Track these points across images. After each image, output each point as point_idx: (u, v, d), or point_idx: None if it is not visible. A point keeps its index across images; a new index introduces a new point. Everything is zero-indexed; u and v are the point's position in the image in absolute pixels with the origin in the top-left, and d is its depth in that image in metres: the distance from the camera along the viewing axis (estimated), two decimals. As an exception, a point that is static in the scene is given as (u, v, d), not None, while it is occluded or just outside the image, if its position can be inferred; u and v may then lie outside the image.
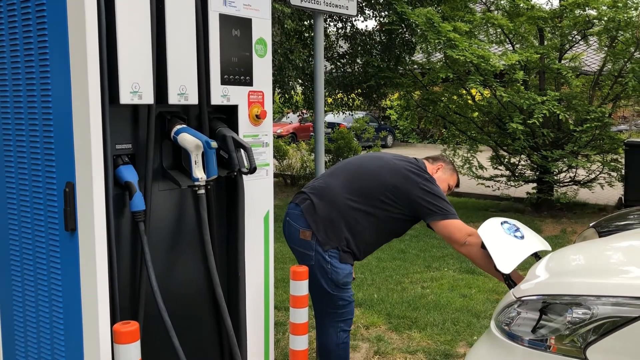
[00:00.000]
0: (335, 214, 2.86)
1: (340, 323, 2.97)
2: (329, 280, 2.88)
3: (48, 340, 2.32)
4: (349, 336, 3.03)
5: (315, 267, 2.87)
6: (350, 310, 2.98)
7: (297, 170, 11.77)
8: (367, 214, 2.88)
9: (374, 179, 2.91)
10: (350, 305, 2.98)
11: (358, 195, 2.88)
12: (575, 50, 9.25)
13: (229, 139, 2.41)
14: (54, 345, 2.30)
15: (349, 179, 2.93)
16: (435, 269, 5.74)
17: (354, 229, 2.88)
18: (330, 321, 2.97)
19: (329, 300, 2.93)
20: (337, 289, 2.90)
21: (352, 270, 2.97)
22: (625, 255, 2.43)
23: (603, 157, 8.78)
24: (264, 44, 2.57)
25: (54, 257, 2.24)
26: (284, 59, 8.26)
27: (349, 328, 3.01)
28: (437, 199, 2.88)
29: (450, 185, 3.17)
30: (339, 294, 2.91)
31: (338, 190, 2.89)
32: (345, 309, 2.96)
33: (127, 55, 2.10)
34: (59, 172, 2.16)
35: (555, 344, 1.95)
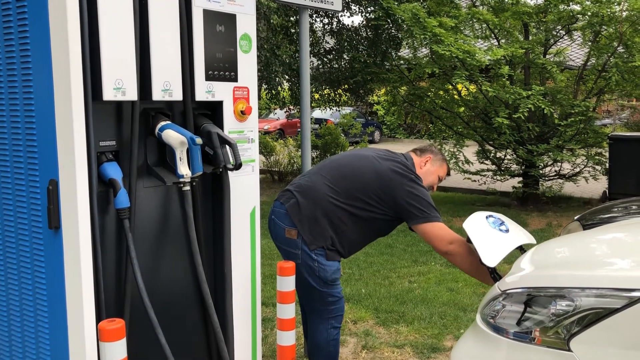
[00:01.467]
0: (319, 213, 2.86)
1: (330, 320, 2.97)
2: (317, 278, 2.89)
3: (33, 339, 2.30)
4: (339, 333, 3.03)
5: (302, 265, 2.88)
6: (340, 306, 2.99)
7: (285, 167, 11.76)
8: (351, 214, 2.89)
9: (358, 180, 2.90)
10: (340, 302, 2.98)
11: (343, 196, 2.88)
12: (559, 45, 9.32)
13: (214, 135, 2.40)
14: (39, 344, 2.28)
15: (334, 178, 2.92)
16: (423, 263, 5.76)
17: (339, 228, 2.89)
18: (320, 318, 2.98)
19: (319, 298, 2.94)
20: (325, 286, 2.91)
21: (340, 267, 2.97)
22: (609, 248, 2.45)
23: (587, 151, 8.86)
24: (249, 40, 2.56)
25: (37, 255, 2.22)
26: (271, 54, 8.23)
27: (339, 325, 3.02)
28: (421, 200, 2.86)
29: (441, 176, 3.16)
30: (328, 290, 2.91)
31: (323, 189, 2.89)
32: (334, 305, 2.96)
33: (110, 51, 2.08)
34: (42, 169, 2.14)
35: (540, 336, 1.97)
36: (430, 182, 3.09)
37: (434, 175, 3.11)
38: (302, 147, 3.62)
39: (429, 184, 3.09)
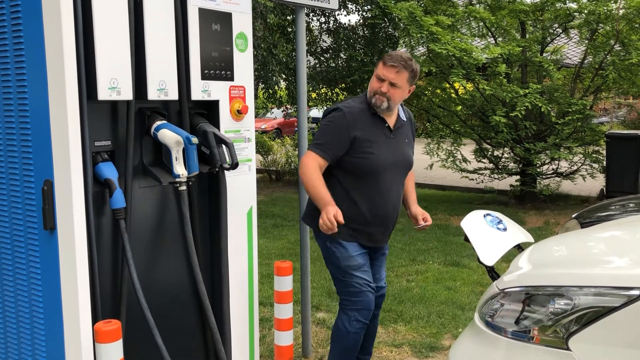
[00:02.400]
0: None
1: (354, 312, 2.81)
2: (333, 266, 2.84)
3: (29, 340, 2.29)
4: (364, 328, 2.86)
5: (324, 254, 2.87)
6: (364, 300, 2.80)
7: (282, 166, 11.74)
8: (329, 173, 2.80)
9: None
10: (363, 295, 2.79)
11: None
12: (556, 43, 9.33)
13: (210, 135, 2.39)
14: (34, 345, 2.26)
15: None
16: (420, 262, 5.76)
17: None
18: (344, 307, 2.86)
19: (339, 286, 2.86)
20: (342, 274, 2.81)
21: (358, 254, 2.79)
22: (607, 246, 2.45)
23: (585, 149, 8.87)
24: (245, 39, 2.55)
25: (33, 256, 2.20)
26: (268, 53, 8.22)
27: (365, 320, 2.83)
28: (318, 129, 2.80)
29: (377, 74, 2.78)
30: (346, 279, 2.80)
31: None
32: (355, 297, 2.79)
33: (104, 50, 2.06)
34: (37, 170, 2.13)
35: (539, 334, 1.96)
36: (370, 89, 2.79)
37: (372, 79, 2.79)
38: (299, 146, 3.61)
39: (370, 92, 2.78)
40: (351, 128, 2.74)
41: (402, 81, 2.77)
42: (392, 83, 2.76)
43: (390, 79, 2.75)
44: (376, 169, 2.78)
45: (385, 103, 2.77)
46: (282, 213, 8.25)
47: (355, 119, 2.76)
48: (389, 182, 2.82)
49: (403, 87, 2.79)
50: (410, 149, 2.98)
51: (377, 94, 2.77)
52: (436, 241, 6.60)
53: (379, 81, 2.76)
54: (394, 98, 2.78)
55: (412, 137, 3.02)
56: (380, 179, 2.79)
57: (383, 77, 2.76)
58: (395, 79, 2.75)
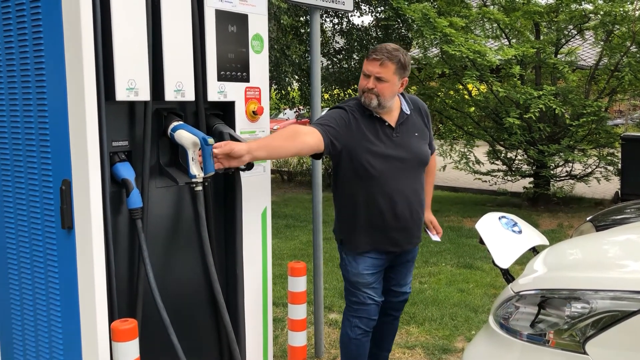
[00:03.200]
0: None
1: (354, 319, 2.83)
2: (344, 276, 2.88)
3: (46, 338, 2.31)
4: (366, 335, 2.85)
5: (340, 262, 2.90)
6: (365, 309, 2.81)
7: (294, 167, 11.76)
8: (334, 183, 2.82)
9: None
10: (365, 306, 2.80)
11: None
12: (571, 44, 9.25)
13: (226, 136, 2.40)
14: (52, 343, 2.29)
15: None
16: (433, 264, 5.74)
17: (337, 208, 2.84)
18: (347, 312, 2.89)
19: (346, 291, 2.88)
20: (350, 285, 2.84)
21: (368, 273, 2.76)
22: (622, 249, 2.43)
23: (599, 151, 8.79)
24: (261, 40, 2.56)
25: (50, 255, 2.23)
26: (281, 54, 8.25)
27: (366, 327, 2.83)
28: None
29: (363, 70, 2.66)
30: (352, 289, 2.83)
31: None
32: (358, 306, 2.81)
33: (122, 51, 2.08)
34: (55, 169, 2.15)
35: (554, 338, 1.95)
36: (359, 86, 2.68)
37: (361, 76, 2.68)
38: (313, 148, 3.62)
39: (360, 88, 2.66)
40: (352, 124, 2.63)
41: (388, 74, 2.59)
42: (377, 77, 2.58)
43: (375, 73, 2.58)
44: (380, 173, 2.65)
45: (374, 100, 2.60)
46: (294, 214, 8.26)
47: (356, 119, 2.65)
48: (400, 183, 2.69)
49: (391, 80, 2.60)
50: (422, 141, 2.78)
51: (365, 91, 2.61)
52: (449, 243, 6.58)
53: (365, 78, 2.61)
54: (383, 94, 2.59)
55: (424, 128, 2.83)
56: (388, 182, 2.66)
57: (368, 72, 2.60)
58: (381, 72, 2.58)
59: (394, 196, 2.69)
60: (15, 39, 2.21)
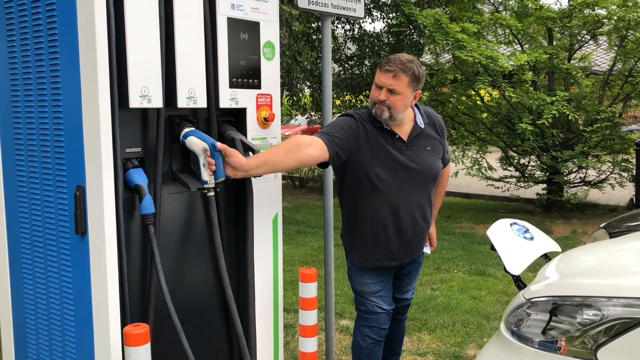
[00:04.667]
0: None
1: (364, 328, 2.83)
2: (350, 284, 2.90)
3: (59, 342, 2.34)
4: (377, 344, 2.84)
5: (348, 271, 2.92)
6: (374, 318, 2.80)
7: (306, 173, 11.78)
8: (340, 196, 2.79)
9: None
10: (375, 315, 2.80)
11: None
12: (584, 50, 9.20)
13: (238, 142, 2.42)
14: (65, 347, 2.31)
15: None
16: (445, 271, 5.72)
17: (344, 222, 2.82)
18: (358, 321, 2.90)
19: (356, 300, 2.89)
20: (357, 294, 2.86)
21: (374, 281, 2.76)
22: (636, 256, 2.41)
23: (614, 158, 8.72)
24: (272, 47, 2.58)
25: (64, 260, 2.26)
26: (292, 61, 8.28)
27: (377, 337, 2.82)
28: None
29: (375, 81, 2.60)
30: (360, 298, 2.85)
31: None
32: (367, 315, 2.81)
33: (136, 59, 2.11)
34: (69, 175, 2.18)
35: (566, 345, 1.94)
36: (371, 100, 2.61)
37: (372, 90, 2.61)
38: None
39: (371, 99, 2.59)
40: (360, 134, 2.56)
41: (401, 86, 2.51)
42: (390, 89, 2.51)
43: (388, 85, 2.51)
44: (386, 186, 2.60)
45: (386, 113, 2.54)
46: (305, 220, 8.27)
47: (365, 129, 2.58)
48: (406, 197, 2.64)
49: (404, 93, 2.52)
50: (434, 156, 2.73)
51: (376, 103, 2.55)
52: (461, 250, 6.55)
53: (377, 89, 2.54)
54: (395, 106, 2.52)
55: (437, 143, 2.76)
56: (393, 196, 2.62)
57: (380, 83, 2.53)
58: (393, 84, 2.50)
59: (399, 211, 2.65)
60: (32, 47, 2.25)
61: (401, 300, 3.00)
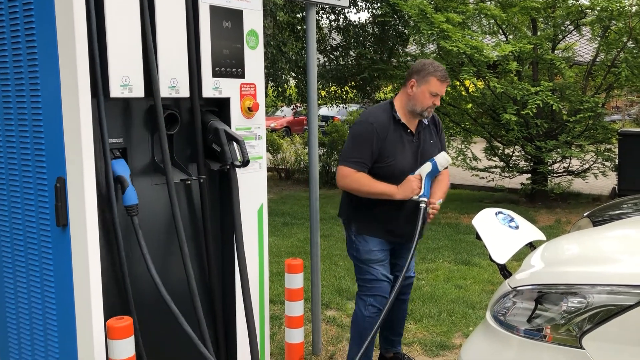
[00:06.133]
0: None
1: (368, 297, 3.02)
2: (354, 257, 3.09)
3: (42, 337, 2.30)
4: (379, 314, 2.97)
5: (347, 245, 3.14)
6: (378, 287, 3.01)
7: (292, 164, 11.75)
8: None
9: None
10: (379, 283, 3.00)
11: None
12: (568, 40, 9.25)
13: (222, 132, 2.39)
14: (47, 341, 2.28)
15: None
16: (430, 261, 5.74)
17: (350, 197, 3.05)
18: (360, 293, 3.08)
19: (358, 272, 3.09)
20: (361, 263, 3.05)
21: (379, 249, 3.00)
22: (619, 244, 2.43)
23: (597, 147, 8.80)
24: (256, 36, 2.55)
25: (45, 252, 2.22)
26: (277, 51, 8.22)
27: (380, 306, 3.00)
28: (347, 142, 2.97)
29: (432, 91, 2.88)
30: (364, 267, 3.03)
31: None
32: (371, 284, 3.01)
33: (116, 48, 2.07)
34: (49, 167, 2.14)
35: (551, 333, 1.95)
36: (422, 104, 2.90)
37: (423, 95, 2.88)
38: (310, 144, 3.61)
39: (422, 105, 2.90)
40: (380, 140, 2.90)
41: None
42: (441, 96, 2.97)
43: (443, 93, 2.95)
44: (398, 172, 2.94)
45: (431, 114, 3.01)
46: (291, 211, 8.25)
47: (383, 131, 2.91)
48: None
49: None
50: (435, 147, 3.09)
51: (430, 108, 2.93)
52: (446, 239, 6.58)
53: (432, 96, 2.90)
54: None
55: (437, 137, 3.16)
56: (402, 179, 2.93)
57: (439, 92, 2.91)
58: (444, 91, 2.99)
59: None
60: (8, 35, 2.20)
61: (407, 278, 3.22)
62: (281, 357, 3.54)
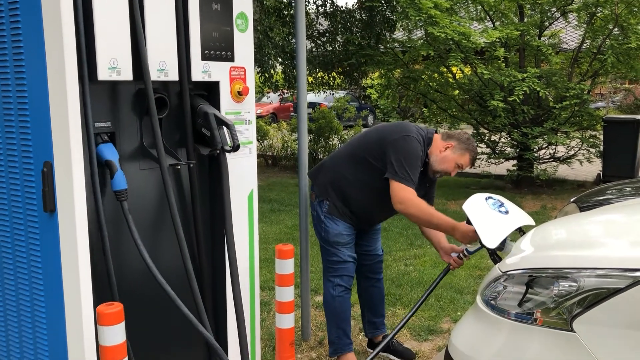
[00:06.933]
0: (325, 170, 3.18)
1: (335, 278, 3.13)
2: (321, 237, 3.17)
3: (29, 324, 2.27)
4: (347, 292, 3.16)
5: (315, 222, 3.20)
6: (345, 267, 3.12)
7: (278, 151, 11.71)
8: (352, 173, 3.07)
9: (364, 141, 3.12)
10: (346, 264, 3.12)
11: (349, 156, 3.12)
12: (554, 27, 9.28)
13: (211, 117, 2.36)
14: (35, 329, 2.25)
15: (347, 146, 3.21)
16: (418, 247, 5.77)
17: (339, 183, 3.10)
18: (327, 274, 3.19)
19: (325, 254, 3.20)
20: (329, 245, 3.14)
21: (346, 233, 3.11)
22: (606, 229, 2.45)
23: (582, 134, 8.87)
24: (245, 19, 2.51)
25: (33, 238, 2.18)
26: (264, 36, 8.15)
27: (347, 284, 3.14)
28: (397, 154, 2.92)
29: (460, 164, 3.10)
30: (331, 249, 3.13)
31: (336, 156, 3.19)
32: (338, 265, 3.12)
33: (104, 30, 2.02)
34: (36, 151, 2.09)
35: (542, 316, 1.96)
36: (445, 168, 3.08)
37: (450, 162, 3.07)
38: (299, 131, 3.59)
39: (444, 169, 3.08)
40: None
41: None
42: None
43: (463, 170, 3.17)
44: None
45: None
46: (279, 198, 8.23)
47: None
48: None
49: None
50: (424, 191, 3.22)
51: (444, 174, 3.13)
52: (433, 225, 6.60)
53: (456, 168, 3.10)
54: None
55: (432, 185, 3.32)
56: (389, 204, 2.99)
57: (462, 169, 3.14)
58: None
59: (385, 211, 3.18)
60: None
61: (373, 257, 3.39)
62: (271, 343, 3.54)
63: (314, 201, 3.20)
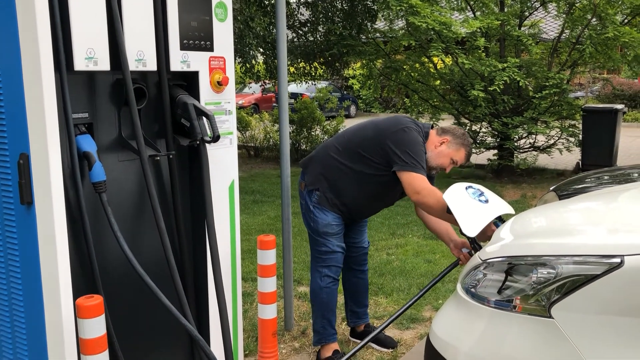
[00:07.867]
0: (317, 160, 3.14)
1: (323, 268, 3.12)
2: (310, 227, 3.15)
3: (7, 318, 2.24)
4: (335, 283, 3.15)
5: (304, 211, 3.17)
6: (334, 258, 3.11)
7: (261, 142, 11.66)
8: (346, 166, 3.04)
9: (359, 135, 3.08)
10: (334, 254, 3.10)
11: (343, 152, 3.07)
12: (534, 17, 9.34)
13: (191, 107, 2.33)
14: (14, 323, 2.22)
15: (340, 138, 3.16)
16: (400, 236, 5.80)
17: (331, 175, 3.08)
18: (315, 264, 3.16)
19: (313, 244, 3.17)
20: (318, 235, 3.11)
21: (336, 223, 3.10)
22: (584, 217, 2.48)
23: (561, 123, 8.97)
24: (224, 8, 2.49)
25: (9, 232, 2.15)
26: (245, 26, 8.08)
27: (335, 275, 3.13)
28: (403, 147, 2.90)
29: (455, 160, 3.08)
30: (320, 239, 3.10)
31: (328, 148, 3.14)
32: (327, 255, 3.10)
33: (80, 19, 1.99)
34: (11, 143, 2.06)
35: (521, 303, 1.98)
36: (440, 163, 3.06)
37: (446, 157, 3.06)
38: (280, 121, 3.58)
39: (439, 164, 3.07)
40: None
41: None
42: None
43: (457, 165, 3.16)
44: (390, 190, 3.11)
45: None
46: (261, 189, 8.21)
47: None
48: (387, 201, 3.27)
49: None
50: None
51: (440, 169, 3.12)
52: (415, 215, 6.64)
53: (451, 163, 3.09)
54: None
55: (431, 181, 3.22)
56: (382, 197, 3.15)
57: (457, 164, 3.11)
58: None
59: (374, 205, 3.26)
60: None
61: (359, 249, 3.38)
62: (254, 334, 3.55)
63: (303, 190, 3.15)
